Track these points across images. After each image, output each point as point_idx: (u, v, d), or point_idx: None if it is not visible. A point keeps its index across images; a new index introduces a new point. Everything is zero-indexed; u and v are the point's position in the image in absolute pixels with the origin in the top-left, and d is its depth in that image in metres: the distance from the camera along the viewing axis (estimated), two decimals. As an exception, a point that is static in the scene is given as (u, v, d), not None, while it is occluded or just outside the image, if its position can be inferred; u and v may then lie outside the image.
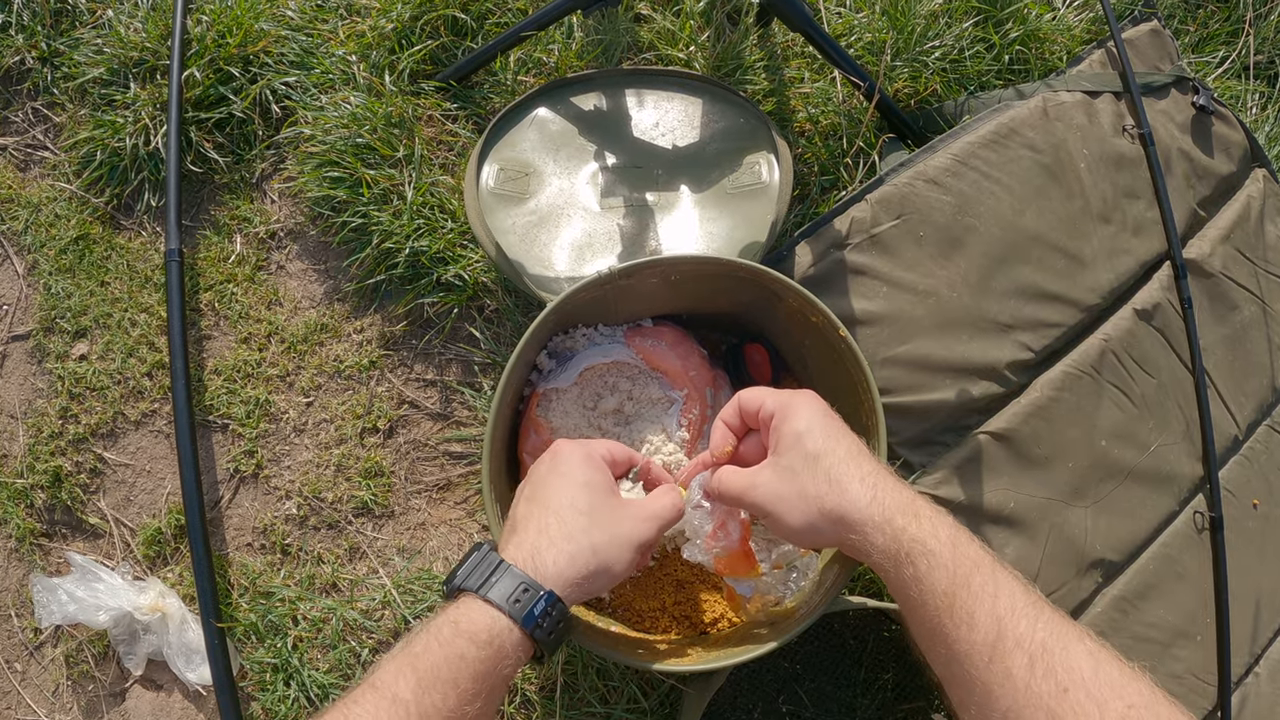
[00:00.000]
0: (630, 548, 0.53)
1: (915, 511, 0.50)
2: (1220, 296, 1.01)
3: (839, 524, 0.51)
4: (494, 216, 0.90)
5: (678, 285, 0.79)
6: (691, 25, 1.02)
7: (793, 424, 0.55)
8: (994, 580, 0.46)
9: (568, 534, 0.51)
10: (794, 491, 0.53)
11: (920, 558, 0.48)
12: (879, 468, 0.54)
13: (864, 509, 0.51)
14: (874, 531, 0.50)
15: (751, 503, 0.56)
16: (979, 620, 0.45)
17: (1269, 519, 0.99)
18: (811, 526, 0.52)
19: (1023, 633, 0.44)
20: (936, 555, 0.48)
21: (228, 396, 1.00)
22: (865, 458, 0.54)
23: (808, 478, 0.53)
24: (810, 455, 0.53)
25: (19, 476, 1.02)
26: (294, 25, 1.07)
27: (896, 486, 0.52)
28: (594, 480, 0.55)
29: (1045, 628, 0.44)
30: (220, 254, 1.06)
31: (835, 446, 0.54)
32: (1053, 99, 0.97)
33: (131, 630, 0.95)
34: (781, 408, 0.56)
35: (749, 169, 0.91)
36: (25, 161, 1.15)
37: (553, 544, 0.50)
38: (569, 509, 0.52)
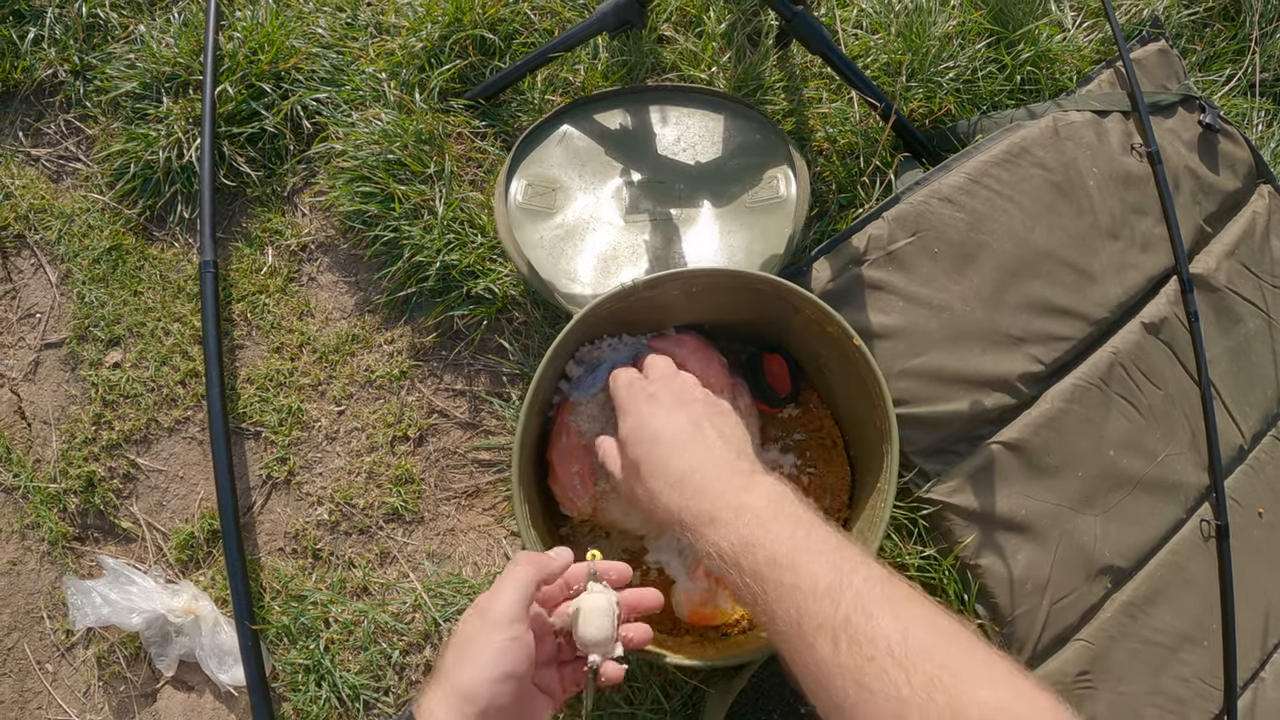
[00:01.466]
0: (494, 679, 0.52)
1: (710, 518, 0.55)
2: (1226, 310, 1.04)
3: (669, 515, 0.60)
4: (522, 231, 0.93)
5: (698, 297, 0.82)
6: (713, 47, 1.05)
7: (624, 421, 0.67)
8: (792, 571, 0.48)
9: (442, 679, 0.52)
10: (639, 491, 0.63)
11: (728, 559, 0.52)
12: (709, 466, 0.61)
13: (676, 512, 0.59)
14: (682, 531, 0.58)
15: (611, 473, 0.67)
16: (780, 611, 0.47)
17: (1275, 527, 1.01)
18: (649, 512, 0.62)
19: (826, 613, 0.45)
20: (733, 560, 0.52)
21: (260, 404, 1.03)
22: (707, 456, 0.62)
23: (646, 477, 0.63)
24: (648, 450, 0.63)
25: (52, 481, 1.05)
26: (325, 43, 1.10)
27: (705, 490, 0.58)
28: (483, 623, 0.55)
29: (848, 604, 0.45)
30: (252, 266, 1.08)
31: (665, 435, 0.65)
32: (1063, 118, 1.00)
33: (164, 632, 0.97)
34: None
35: (768, 184, 0.94)
36: (58, 173, 1.18)
37: (433, 693, 0.52)
38: (449, 650, 0.54)
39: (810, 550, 0.50)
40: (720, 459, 0.59)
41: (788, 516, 0.53)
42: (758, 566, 0.50)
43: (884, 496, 0.75)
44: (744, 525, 0.53)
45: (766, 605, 0.49)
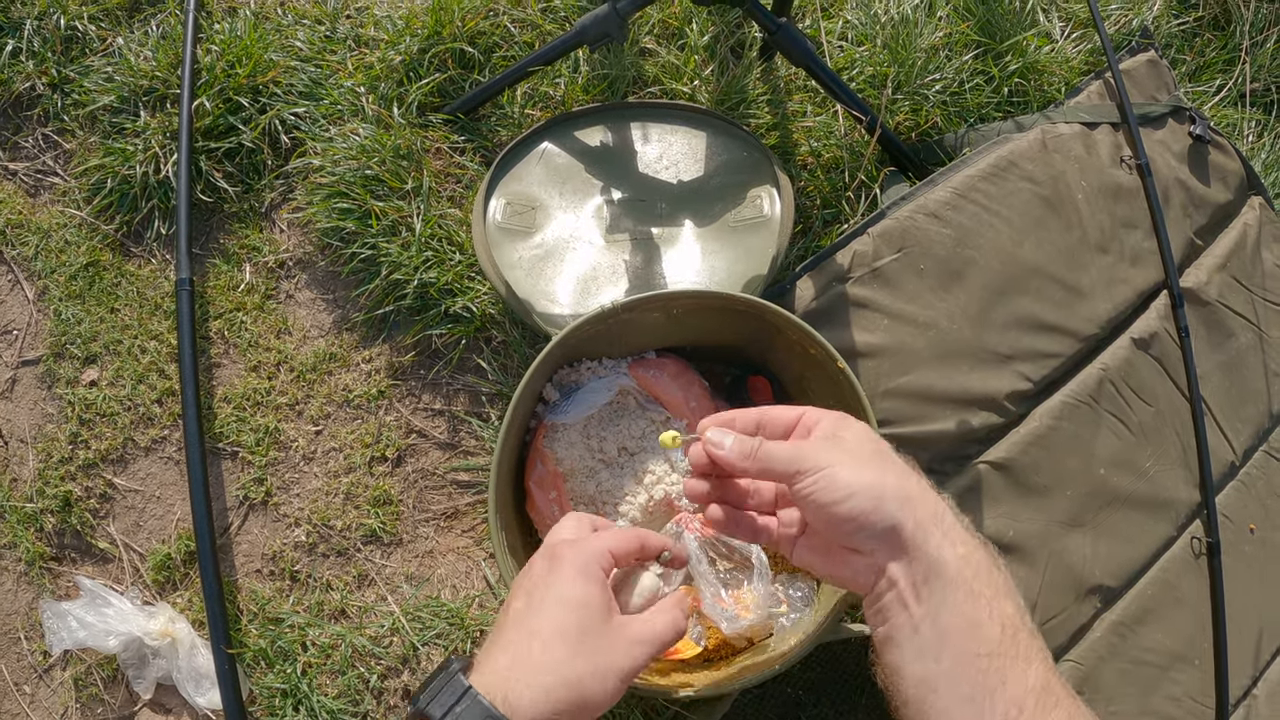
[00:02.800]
0: (615, 677, 0.45)
1: (1007, 593, 0.44)
2: (1217, 324, 1.03)
3: (909, 501, 0.44)
4: (501, 250, 0.91)
5: (680, 319, 0.81)
6: (696, 60, 1.04)
7: (857, 430, 0.49)
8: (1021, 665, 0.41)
9: (545, 664, 0.44)
10: (870, 468, 0.46)
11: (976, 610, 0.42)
12: (962, 519, 0.49)
13: (950, 559, 0.43)
14: (946, 530, 0.44)
15: (802, 457, 0.47)
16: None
17: (1266, 544, 1.00)
18: (875, 509, 0.44)
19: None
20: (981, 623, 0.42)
21: (237, 424, 1.01)
22: (946, 505, 0.48)
23: (885, 463, 0.47)
24: (889, 461, 0.47)
25: (29, 500, 1.04)
26: (303, 56, 1.09)
27: (983, 558, 0.46)
28: (587, 599, 0.47)
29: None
30: (230, 283, 1.07)
31: (915, 472, 0.48)
32: (1051, 131, 0.99)
33: (141, 655, 0.96)
34: (832, 416, 0.51)
35: (751, 203, 0.93)
36: (35, 187, 1.17)
37: (526, 675, 0.44)
38: (553, 634, 0.45)
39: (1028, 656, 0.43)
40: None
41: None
42: (1011, 601, 0.43)
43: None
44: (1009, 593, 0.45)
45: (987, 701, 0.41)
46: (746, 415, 0.53)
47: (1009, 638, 0.42)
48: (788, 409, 0.52)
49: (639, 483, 0.78)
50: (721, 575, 0.77)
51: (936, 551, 0.43)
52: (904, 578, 0.44)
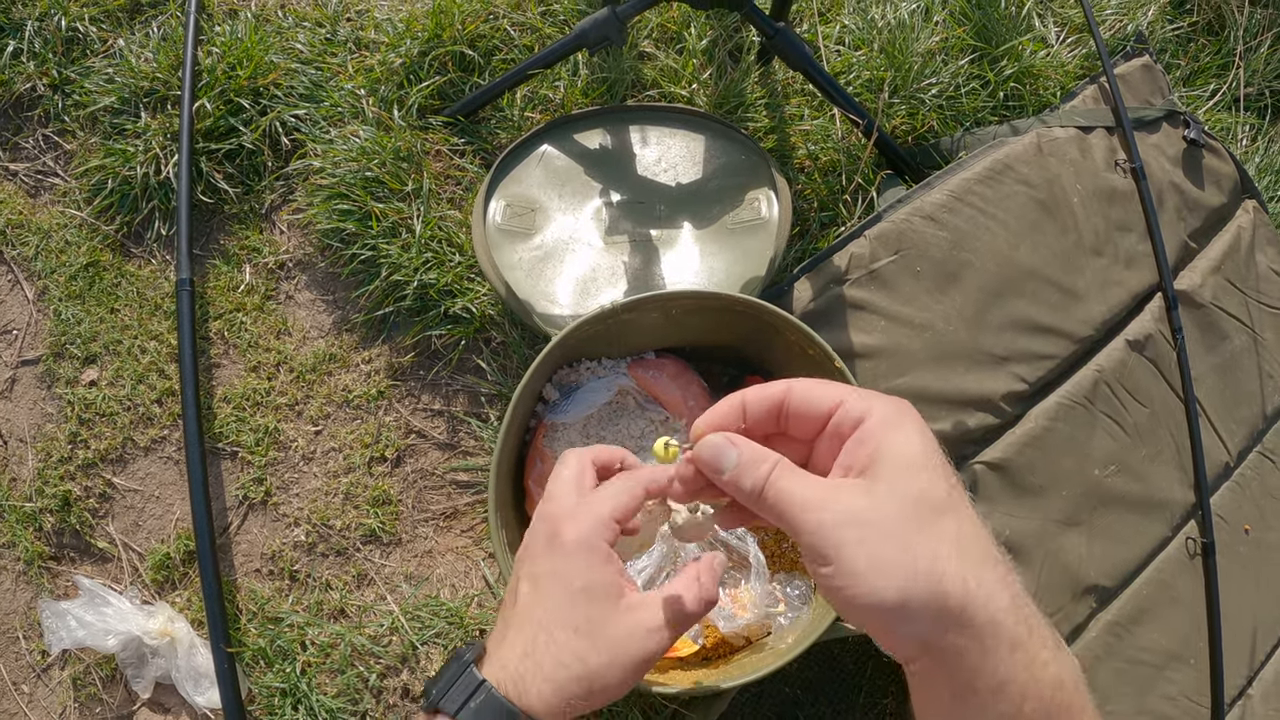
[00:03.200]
0: (632, 668, 0.41)
1: (1057, 643, 0.34)
2: (1211, 326, 1.04)
3: (947, 620, 0.32)
4: (501, 252, 0.92)
5: (678, 319, 0.81)
6: (694, 63, 1.04)
7: (903, 443, 0.35)
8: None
9: (558, 659, 0.41)
10: (896, 543, 0.32)
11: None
12: (1005, 555, 0.35)
13: (1003, 613, 0.32)
14: (1002, 655, 0.32)
15: (814, 529, 0.34)
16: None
17: (1261, 544, 1.00)
18: (902, 605, 0.32)
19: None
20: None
21: (237, 424, 1.02)
22: (989, 532, 0.35)
23: (925, 532, 0.33)
24: (929, 502, 0.33)
25: (28, 500, 1.04)
26: (304, 59, 1.09)
27: (1028, 596, 0.34)
28: (592, 584, 0.42)
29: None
30: (230, 283, 1.07)
31: (960, 502, 0.34)
32: (1046, 135, 0.99)
33: (140, 654, 0.96)
34: (879, 414, 0.36)
35: (749, 205, 0.93)
36: (36, 188, 1.17)
37: (539, 669, 0.41)
38: (561, 627, 0.42)
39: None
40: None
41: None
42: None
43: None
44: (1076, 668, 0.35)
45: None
46: (766, 396, 0.39)
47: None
48: (822, 392, 0.38)
49: (637, 482, 0.79)
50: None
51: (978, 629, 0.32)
52: (939, 654, 0.33)
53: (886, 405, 0.36)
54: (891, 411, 0.36)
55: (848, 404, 0.37)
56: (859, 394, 0.37)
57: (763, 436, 0.39)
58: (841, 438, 0.37)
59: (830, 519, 0.33)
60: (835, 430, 0.37)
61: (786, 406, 0.39)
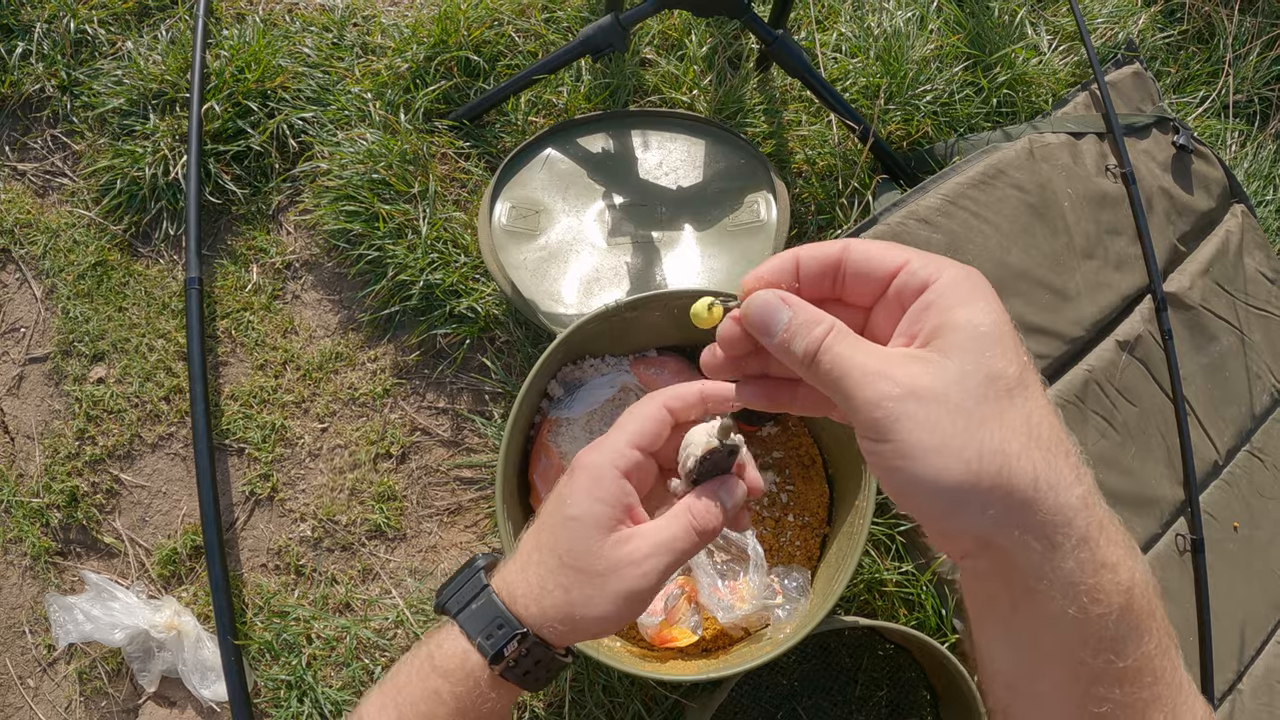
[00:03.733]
0: (617, 602, 0.41)
1: (1130, 546, 0.31)
2: (1200, 328, 1.06)
3: (1013, 511, 0.28)
4: (506, 252, 0.94)
5: (680, 318, 0.83)
6: (694, 70, 1.07)
7: (975, 313, 0.31)
8: (1174, 667, 0.31)
9: (543, 584, 0.42)
10: (963, 420, 0.29)
11: (1127, 618, 0.29)
12: (1077, 445, 0.31)
13: (1072, 510, 0.29)
14: (1068, 551, 0.29)
15: (874, 400, 0.30)
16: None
17: (1250, 541, 1.02)
18: (966, 489, 0.28)
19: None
20: (1141, 626, 0.29)
21: (244, 421, 1.03)
22: (1061, 420, 0.31)
23: (995, 412, 0.29)
24: (1001, 380, 0.30)
25: (35, 495, 1.05)
26: (311, 62, 1.11)
27: (1099, 492, 0.31)
28: (585, 514, 0.42)
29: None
30: (237, 283, 1.09)
31: (1033, 384, 0.30)
32: (1039, 140, 1.02)
33: (146, 648, 0.97)
34: (948, 279, 0.32)
35: (748, 207, 0.95)
36: (44, 187, 1.19)
37: (529, 587, 0.43)
38: (552, 553, 0.42)
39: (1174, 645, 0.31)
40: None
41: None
42: (1151, 638, 0.30)
43: (862, 514, 0.76)
44: (1156, 587, 0.31)
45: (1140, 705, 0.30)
46: (821, 254, 0.35)
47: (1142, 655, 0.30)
48: (884, 252, 0.33)
49: (640, 477, 0.80)
50: (719, 567, 0.79)
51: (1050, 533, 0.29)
52: (1000, 550, 0.30)
53: (956, 271, 0.32)
54: (961, 277, 0.32)
55: (913, 265, 0.32)
56: (925, 256, 0.33)
57: (814, 300, 0.34)
58: (904, 304, 0.33)
59: (892, 390, 0.30)
60: (897, 295, 0.33)
61: (844, 266, 0.34)
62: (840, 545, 0.81)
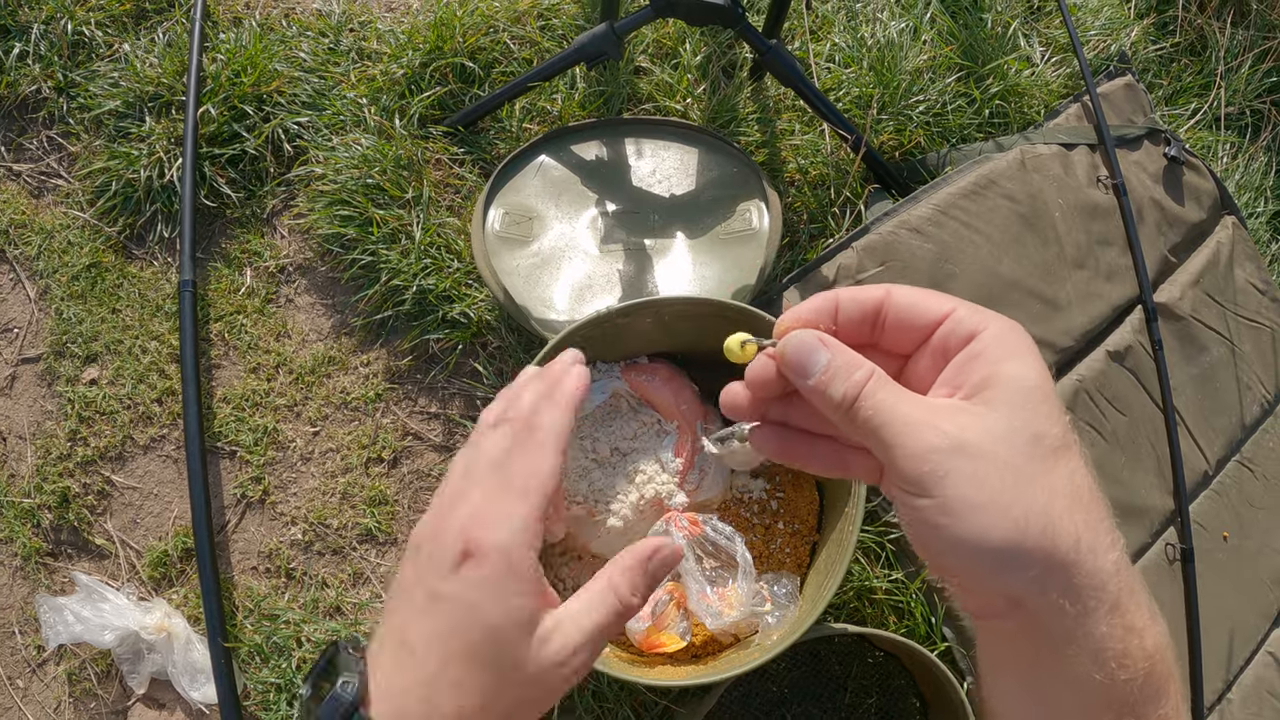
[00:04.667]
0: (543, 704, 0.33)
1: (1153, 611, 0.30)
2: (1190, 338, 1.06)
3: (1053, 574, 0.28)
4: (499, 258, 0.94)
5: (671, 325, 0.83)
6: (688, 78, 1.07)
7: (1022, 369, 0.30)
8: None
9: (459, 703, 0.31)
10: (1012, 479, 0.28)
11: (1152, 682, 0.29)
12: (1109, 509, 0.31)
13: (1107, 574, 0.28)
14: (1101, 616, 0.28)
15: (918, 453, 0.29)
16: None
17: (1240, 550, 1.03)
18: (1009, 552, 0.28)
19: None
20: (1162, 690, 0.29)
21: (236, 424, 1.03)
22: (1098, 482, 0.31)
23: (1041, 473, 0.28)
24: (1047, 440, 0.29)
25: (26, 496, 1.05)
26: (307, 67, 1.12)
27: (1128, 556, 0.30)
28: (507, 620, 0.33)
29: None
30: (231, 286, 1.09)
31: (1074, 445, 0.30)
32: (1030, 151, 1.02)
33: (136, 649, 0.97)
34: (995, 331, 0.31)
35: (741, 216, 0.96)
36: (39, 188, 1.19)
37: (436, 710, 0.31)
38: (465, 664, 0.32)
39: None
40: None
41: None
42: (1169, 701, 0.29)
43: (852, 521, 0.77)
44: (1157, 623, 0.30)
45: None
46: (863, 298, 0.33)
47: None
48: (928, 300, 0.32)
49: (630, 482, 0.81)
50: (708, 573, 0.79)
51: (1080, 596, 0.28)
52: (1033, 612, 0.29)
53: (1003, 323, 0.32)
54: (1008, 330, 0.31)
55: (959, 314, 0.32)
56: (971, 307, 0.32)
57: (851, 345, 0.33)
58: (947, 354, 0.32)
59: (940, 442, 0.28)
60: (941, 344, 0.32)
61: (886, 312, 0.33)
62: (829, 552, 0.81)
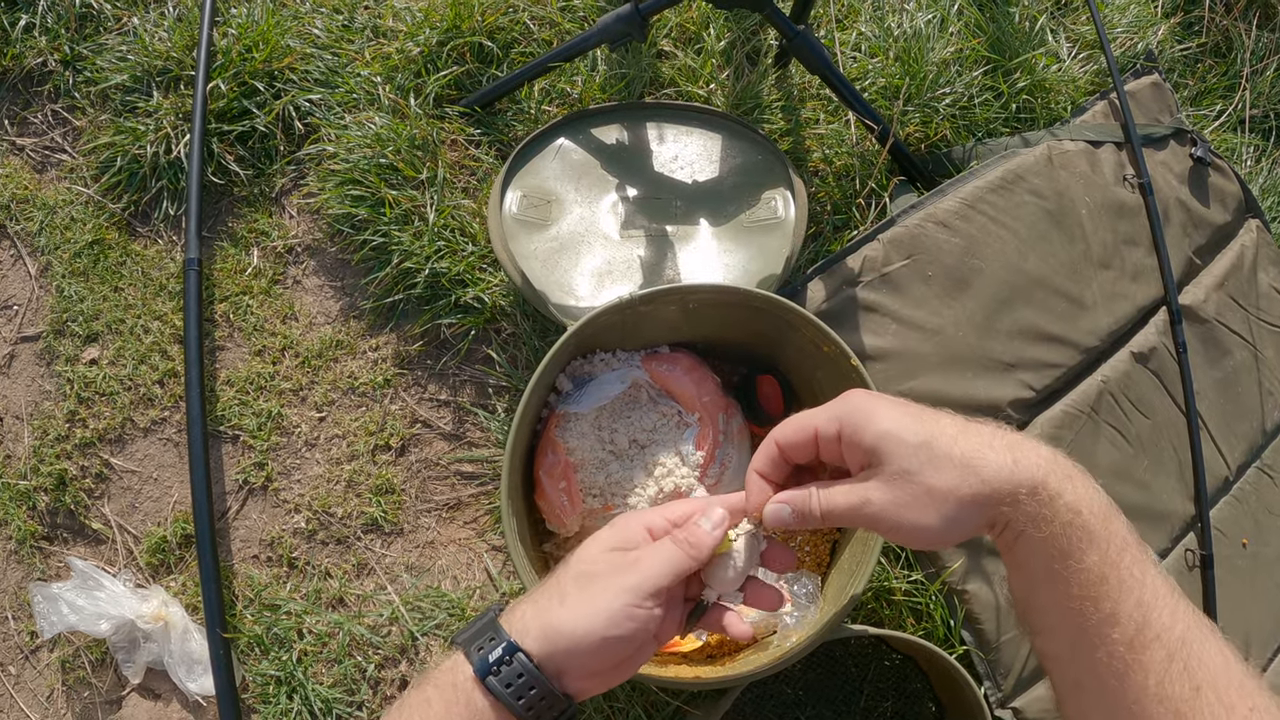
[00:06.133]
0: (600, 632, 0.45)
1: (1067, 473, 0.44)
2: (1214, 342, 1.05)
3: (985, 505, 0.44)
4: (516, 242, 0.92)
5: (694, 314, 0.81)
6: (712, 64, 1.05)
7: (874, 426, 0.45)
8: (1142, 564, 0.43)
9: (546, 598, 0.47)
10: (920, 493, 0.44)
11: (1075, 531, 0.42)
12: (997, 429, 0.46)
13: (1011, 477, 0.43)
14: (1027, 499, 0.43)
15: (870, 517, 0.46)
16: (1124, 609, 0.41)
17: (1258, 557, 1.01)
18: (952, 520, 0.44)
19: (1165, 624, 0.41)
20: (1091, 531, 0.42)
21: (240, 408, 1.01)
22: (975, 424, 0.46)
23: (930, 472, 0.44)
24: (919, 447, 0.44)
25: (22, 478, 1.02)
26: (320, 44, 1.09)
27: (1032, 445, 0.45)
28: (584, 554, 0.49)
29: (1184, 620, 0.42)
30: (237, 266, 1.06)
31: (938, 425, 0.45)
32: (1057, 147, 1.01)
33: (132, 638, 0.95)
34: (846, 419, 0.47)
35: (765, 204, 0.94)
36: (43, 163, 1.16)
37: (532, 607, 0.47)
38: (564, 568, 0.48)
39: (1146, 548, 0.44)
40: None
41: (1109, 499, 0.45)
42: (1110, 541, 0.42)
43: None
44: (1095, 487, 0.44)
45: (1107, 594, 0.42)
46: (769, 454, 0.51)
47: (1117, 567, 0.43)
48: (800, 428, 0.49)
49: (649, 475, 0.79)
50: None
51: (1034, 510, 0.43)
52: (1000, 528, 0.45)
53: (840, 412, 0.47)
54: (848, 415, 0.47)
55: (819, 428, 0.48)
56: (819, 415, 0.48)
57: (789, 469, 0.52)
58: (839, 449, 0.48)
59: (876, 510, 0.46)
60: (828, 446, 0.48)
61: (783, 452, 0.50)
62: (852, 552, 0.79)
